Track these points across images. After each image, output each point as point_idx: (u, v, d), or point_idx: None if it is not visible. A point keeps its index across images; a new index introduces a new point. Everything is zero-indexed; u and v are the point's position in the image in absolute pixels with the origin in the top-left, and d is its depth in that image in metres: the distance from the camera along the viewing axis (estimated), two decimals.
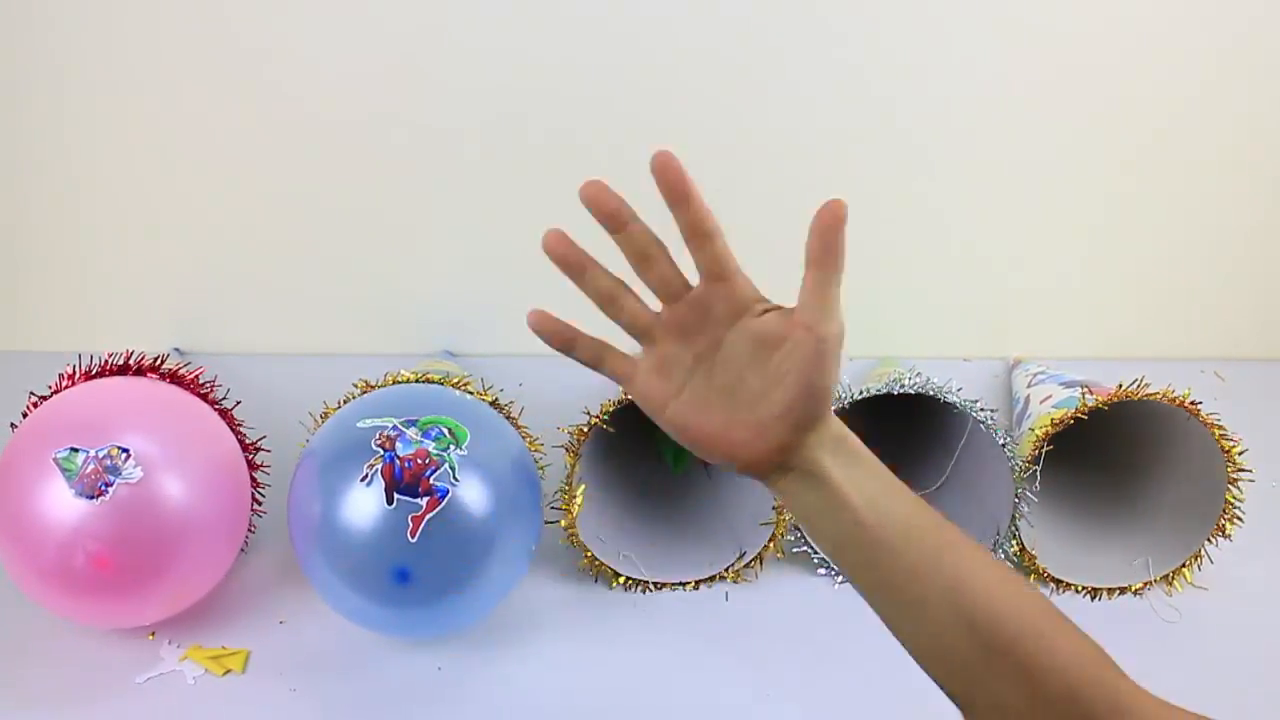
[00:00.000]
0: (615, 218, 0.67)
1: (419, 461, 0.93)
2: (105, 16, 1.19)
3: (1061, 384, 1.17)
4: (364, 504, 0.92)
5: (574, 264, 0.68)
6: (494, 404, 1.08)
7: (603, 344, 0.69)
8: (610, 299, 0.68)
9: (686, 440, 0.66)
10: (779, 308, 0.65)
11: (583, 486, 1.08)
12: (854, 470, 0.64)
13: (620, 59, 1.24)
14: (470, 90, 1.24)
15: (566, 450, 1.07)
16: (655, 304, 0.68)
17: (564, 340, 0.70)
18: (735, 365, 0.64)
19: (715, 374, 0.65)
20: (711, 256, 0.65)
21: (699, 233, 0.65)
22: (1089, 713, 0.60)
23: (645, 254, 0.67)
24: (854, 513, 0.63)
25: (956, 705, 0.65)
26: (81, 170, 1.29)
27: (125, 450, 0.93)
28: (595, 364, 0.69)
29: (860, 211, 1.33)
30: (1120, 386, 1.07)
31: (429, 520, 0.91)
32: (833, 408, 0.66)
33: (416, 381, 1.07)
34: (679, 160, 0.66)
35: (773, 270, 1.36)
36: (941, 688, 0.65)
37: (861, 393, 1.07)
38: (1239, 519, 1.08)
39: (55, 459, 0.92)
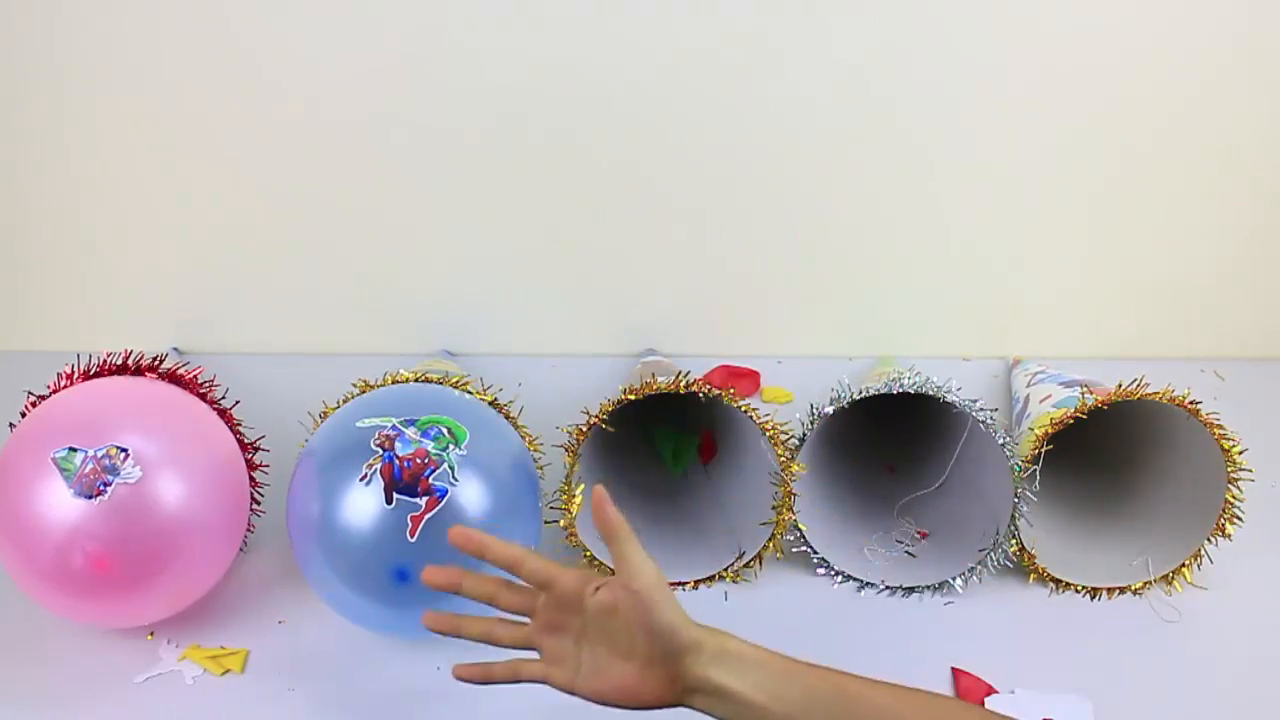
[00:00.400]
0: (451, 588, 0.80)
1: (418, 461, 0.93)
2: (105, 16, 1.20)
3: (1061, 383, 1.16)
4: (363, 504, 0.92)
5: (449, 630, 0.82)
6: (493, 404, 1.08)
7: (514, 664, 0.81)
8: (488, 634, 0.81)
9: (600, 702, 0.78)
10: (605, 581, 0.78)
11: (582, 486, 1.08)
12: (746, 674, 0.74)
13: (620, 59, 1.24)
14: (469, 90, 1.24)
15: (566, 450, 1.07)
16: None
17: (484, 675, 0.81)
18: (602, 634, 0.77)
19: (595, 646, 0.78)
20: (530, 575, 0.79)
21: (509, 566, 0.79)
22: None
23: (489, 595, 0.81)
24: (763, 710, 0.73)
25: None
26: (80, 170, 1.29)
27: (124, 450, 0.93)
28: (515, 679, 0.81)
29: (860, 211, 1.35)
30: (1120, 386, 1.07)
31: (428, 520, 0.91)
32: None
33: (415, 381, 1.07)
34: (468, 531, 0.80)
35: (773, 270, 1.37)
36: None
37: (861, 392, 1.07)
38: (1239, 519, 1.08)
39: (54, 459, 0.92)
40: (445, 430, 0.96)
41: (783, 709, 0.73)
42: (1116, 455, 1.18)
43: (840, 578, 1.12)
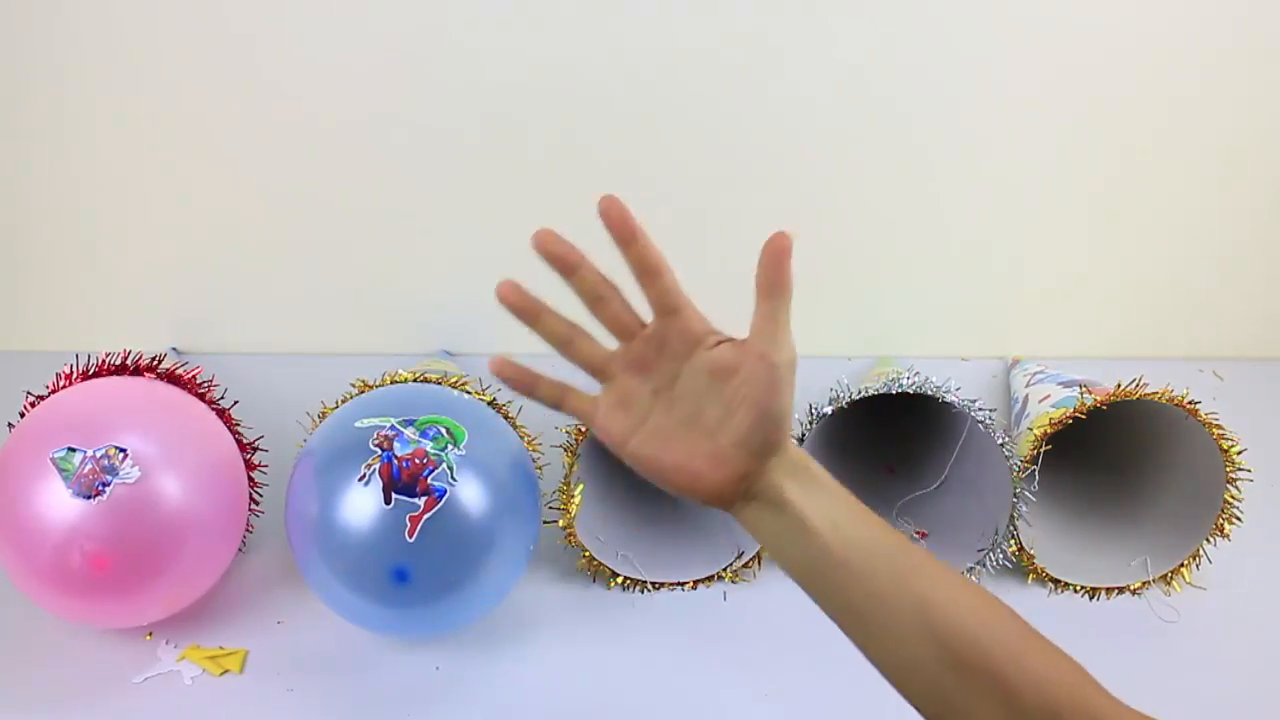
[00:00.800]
0: (565, 262, 0.70)
1: (417, 461, 0.93)
2: (104, 16, 1.19)
3: (1060, 383, 1.16)
4: (362, 504, 0.92)
5: (527, 310, 0.71)
6: (491, 404, 1.08)
7: (563, 385, 0.70)
8: (566, 341, 0.70)
9: (650, 473, 0.67)
10: (731, 339, 0.67)
11: (581, 486, 1.08)
12: (817, 496, 0.65)
13: (620, 59, 1.24)
14: (469, 90, 1.24)
15: (565, 450, 1.07)
16: (612, 343, 0.70)
17: (525, 385, 0.70)
18: (693, 397, 0.66)
19: (674, 407, 0.67)
20: (661, 292, 0.68)
21: (647, 270, 0.68)
22: None
23: (597, 294, 0.69)
24: (818, 538, 0.64)
25: None
26: (79, 170, 1.28)
27: (123, 450, 0.93)
28: (557, 404, 0.70)
29: (859, 211, 1.34)
30: (1119, 386, 1.07)
31: (427, 520, 0.91)
32: (797, 431, 0.66)
33: (414, 381, 1.07)
34: (623, 203, 0.68)
35: None
36: (916, 708, 0.66)
37: (860, 392, 1.07)
38: (1237, 519, 1.08)
39: (53, 459, 0.92)
40: (444, 430, 0.96)
41: (841, 545, 0.64)
42: (1115, 455, 1.18)
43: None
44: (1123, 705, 0.63)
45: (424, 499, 0.91)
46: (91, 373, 1.03)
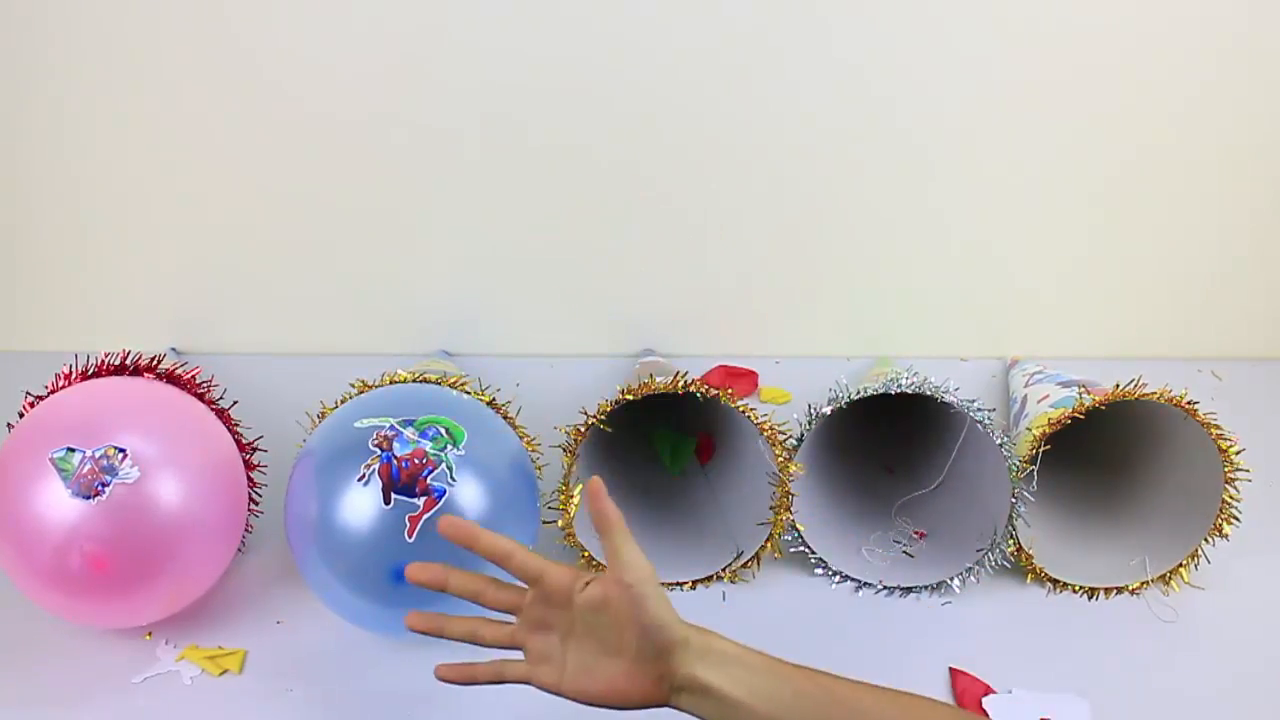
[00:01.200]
0: (436, 583, 0.79)
1: (416, 461, 0.93)
2: (103, 16, 1.19)
3: (1059, 384, 1.16)
4: (361, 504, 0.92)
5: (432, 630, 0.81)
6: (491, 404, 1.07)
7: (498, 665, 0.80)
8: (476, 640, 0.81)
9: (588, 702, 0.77)
10: (596, 577, 0.77)
11: (580, 486, 1.08)
12: (730, 671, 0.74)
13: (620, 59, 1.24)
14: (468, 90, 1.24)
15: (564, 450, 1.07)
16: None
17: (466, 676, 0.80)
18: (591, 632, 0.76)
19: (582, 645, 0.77)
20: (519, 569, 0.78)
21: (499, 558, 0.78)
22: None
23: (474, 592, 0.80)
24: (746, 708, 0.73)
25: None
26: (78, 170, 1.29)
27: (122, 450, 0.93)
28: (499, 680, 0.80)
29: (858, 211, 1.35)
30: (1117, 386, 1.07)
31: (426, 520, 0.91)
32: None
33: (414, 381, 1.07)
34: (455, 521, 0.79)
35: (771, 270, 1.37)
36: None
37: (858, 392, 1.07)
38: (1236, 519, 1.08)
39: (52, 459, 0.92)
40: (443, 430, 0.95)
41: (769, 709, 0.72)
42: (1114, 455, 1.18)
43: (838, 578, 1.12)
44: None
45: (423, 499, 0.91)
46: (91, 373, 1.03)
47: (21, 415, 1.01)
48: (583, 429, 1.06)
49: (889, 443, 1.24)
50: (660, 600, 0.75)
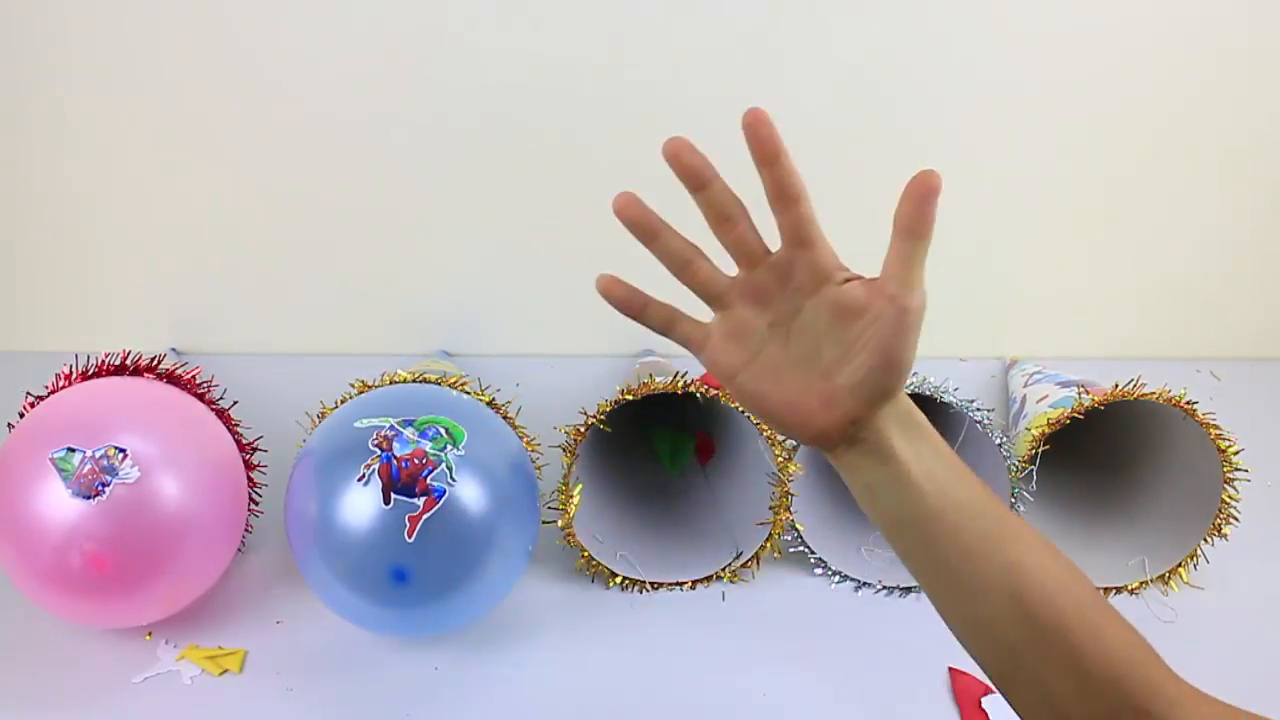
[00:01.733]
0: (698, 175, 0.65)
1: (416, 461, 0.93)
2: (104, 17, 1.19)
3: (1058, 384, 1.16)
4: (361, 504, 0.92)
5: (646, 228, 0.67)
6: (490, 404, 1.08)
7: (673, 309, 0.67)
8: (684, 263, 0.66)
9: (755, 409, 0.65)
10: (860, 277, 0.63)
11: (580, 486, 1.08)
12: (920, 447, 0.63)
13: (620, 59, 1.24)
14: (467, 90, 1.24)
15: (563, 450, 1.07)
16: (731, 269, 0.66)
17: (634, 306, 0.68)
18: (812, 334, 0.63)
19: (791, 342, 0.64)
20: (796, 220, 0.65)
21: (785, 195, 0.64)
22: (1132, 699, 0.60)
23: (726, 214, 0.66)
24: (918, 490, 0.62)
25: (994, 683, 0.65)
26: (79, 170, 1.28)
27: (122, 450, 0.93)
28: (665, 329, 0.67)
29: (858, 212, 1.33)
30: (1116, 386, 1.07)
31: (426, 520, 0.91)
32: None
33: (413, 381, 1.07)
34: (770, 119, 0.63)
35: None
36: (982, 666, 0.65)
37: None
38: (1235, 519, 1.08)
39: (52, 459, 0.92)
40: (443, 430, 0.96)
41: (940, 500, 0.62)
42: (1113, 455, 1.18)
43: (837, 577, 1.12)
44: (1183, 682, 0.63)
45: (423, 499, 0.91)
46: (91, 373, 1.03)
47: (22, 415, 1.01)
48: (582, 429, 1.06)
49: None
50: (916, 341, 0.62)
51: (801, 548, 1.12)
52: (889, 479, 0.63)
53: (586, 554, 1.09)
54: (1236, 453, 1.06)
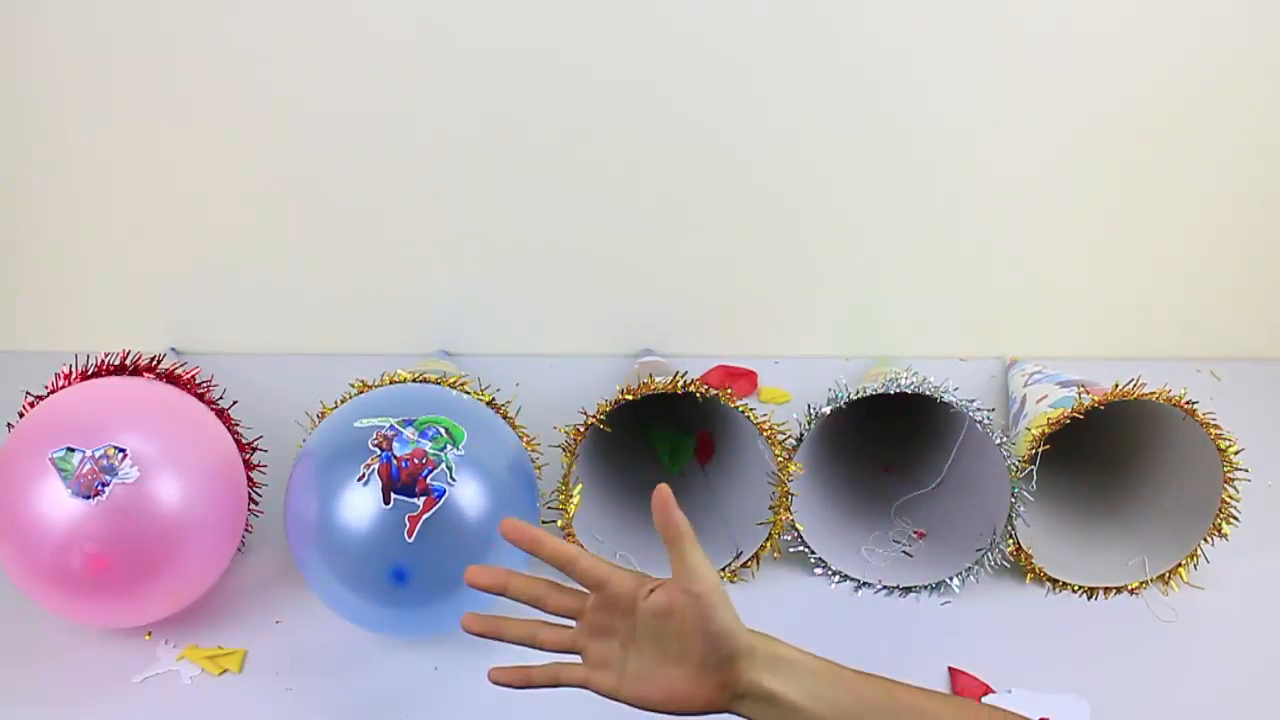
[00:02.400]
0: (496, 587, 0.78)
1: (416, 461, 0.93)
2: (103, 16, 1.19)
3: (1058, 384, 1.16)
4: (361, 504, 0.91)
5: (490, 632, 0.79)
6: (490, 404, 1.07)
7: (556, 668, 0.78)
8: (534, 643, 0.79)
9: (648, 708, 0.76)
10: (661, 583, 0.75)
11: (580, 486, 1.08)
12: (795, 678, 0.73)
13: (620, 60, 1.24)
14: (467, 90, 1.24)
15: (563, 450, 1.07)
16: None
17: (521, 679, 0.79)
18: (652, 638, 0.75)
19: (643, 651, 0.75)
20: (583, 575, 0.76)
21: (564, 563, 0.76)
22: None
23: (535, 597, 0.78)
24: (809, 713, 0.72)
25: None
26: (78, 170, 1.28)
27: (122, 450, 0.93)
28: (555, 684, 0.79)
29: (858, 212, 1.35)
30: (1116, 386, 1.06)
31: (426, 520, 0.91)
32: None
33: (414, 381, 1.07)
34: (516, 523, 0.77)
35: (771, 270, 1.37)
36: None
37: (858, 392, 1.07)
38: (1235, 518, 1.08)
39: (51, 459, 0.92)
40: (443, 430, 0.95)
41: (835, 716, 0.72)
42: (1113, 455, 1.18)
43: (838, 578, 1.12)
44: None
45: (423, 499, 0.91)
46: (90, 373, 1.03)
47: (21, 415, 1.01)
48: (582, 429, 1.06)
49: (888, 442, 1.24)
50: (727, 608, 0.74)
51: (801, 548, 1.12)
52: (783, 716, 0.73)
53: None
54: (1236, 453, 1.06)
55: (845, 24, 1.22)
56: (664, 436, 1.24)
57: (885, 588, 1.11)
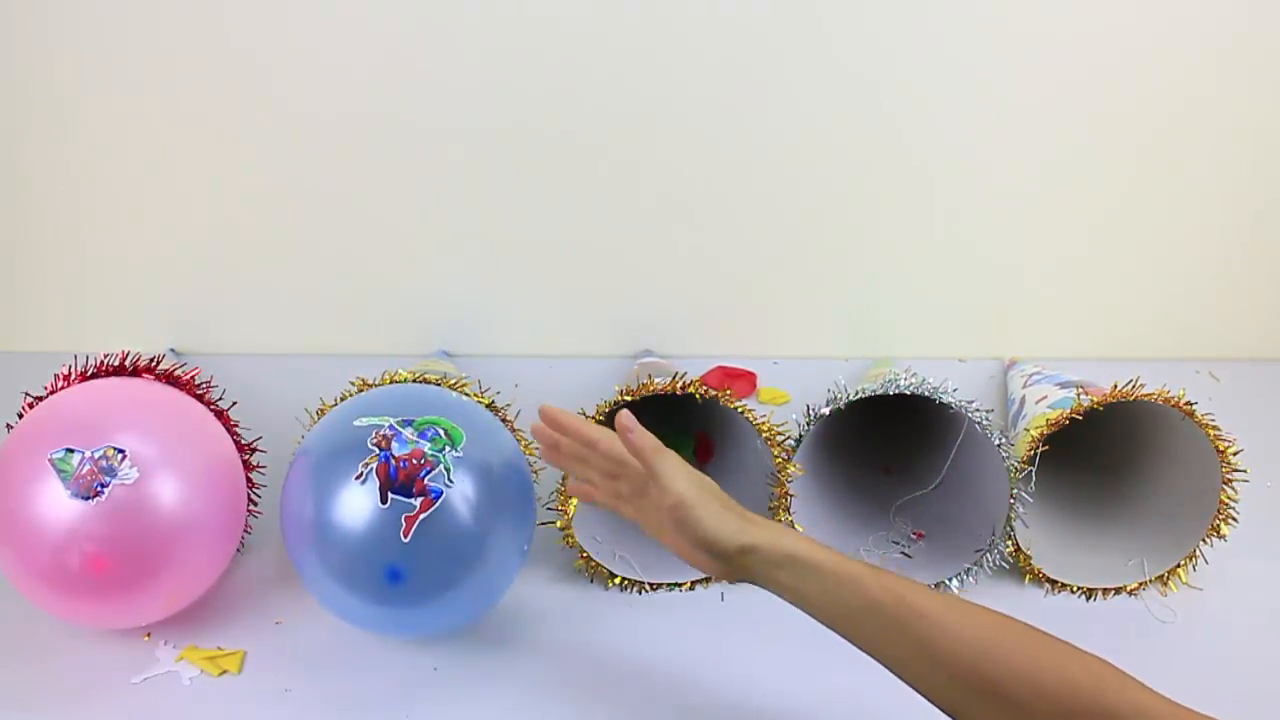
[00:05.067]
0: (549, 441, 0.91)
1: (414, 462, 0.93)
2: (103, 16, 1.19)
3: (1057, 384, 1.16)
4: (357, 503, 0.91)
5: (556, 426, 0.91)
6: (490, 406, 1.07)
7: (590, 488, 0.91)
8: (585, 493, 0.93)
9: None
10: (647, 488, 0.85)
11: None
12: (805, 577, 0.76)
13: (619, 61, 1.24)
14: (468, 90, 1.24)
15: None
16: None
17: (557, 453, 0.92)
18: (655, 524, 0.84)
19: (659, 526, 0.83)
20: (603, 455, 0.88)
21: (585, 444, 0.89)
22: None
23: (582, 458, 0.89)
24: (819, 609, 0.76)
25: None
26: (77, 170, 1.29)
27: (121, 451, 0.93)
28: (587, 498, 0.92)
29: (857, 213, 1.35)
30: (1115, 387, 1.06)
31: (422, 521, 0.91)
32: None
33: (414, 381, 1.07)
34: (553, 415, 0.89)
35: (770, 271, 1.37)
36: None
37: (857, 393, 1.07)
38: (1233, 519, 1.07)
39: (51, 460, 0.92)
40: (442, 431, 0.95)
41: (843, 614, 0.75)
42: (1112, 456, 1.18)
43: None
44: (1149, 692, 0.69)
45: (420, 499, 0.91)
46: (90, 373, 1.03)
47: (21, 416, 1.01)
48: None
49: (887, 444, 1.23)
50: (709, 515, 0.79)
51: None
52: (793, 598, 0.78)
53: (585, 554, 1.09)
54: (1235, 453, 1.06)
55: (847, 24, 1.22)
56: (663, 437, 1.23)
57: None
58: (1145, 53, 1.25)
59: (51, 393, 1.02)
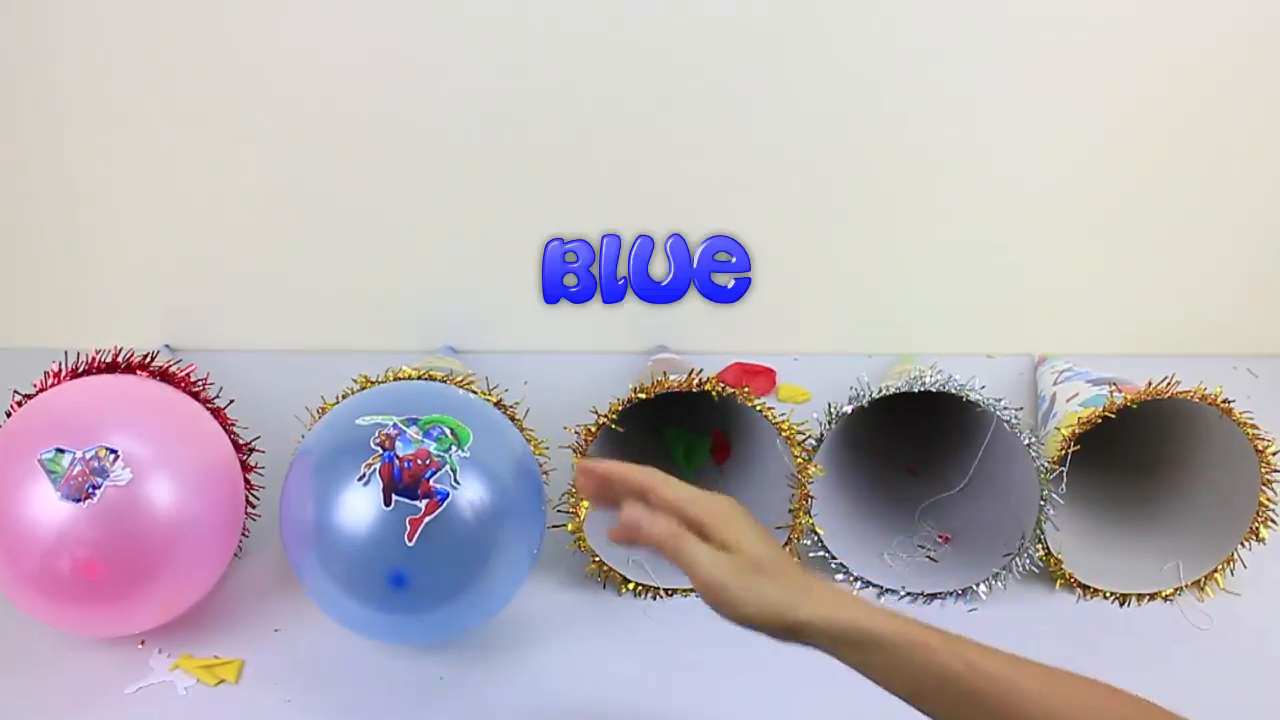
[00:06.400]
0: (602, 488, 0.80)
1: (419, 462, 0.91)
2: (101, 15, 1.20)
3: (1089, 381, 1.15)
4: (360, 505, 0.90)
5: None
6: (498, 404, 1.06)
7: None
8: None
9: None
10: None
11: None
12: (870, 652, 0.71)
13: (622, 59, 1.24)
14: (470, 88, 1.25)
15: (574, 451, 1.05)
16: None
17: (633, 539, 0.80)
18: None
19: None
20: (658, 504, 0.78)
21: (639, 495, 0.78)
22: None
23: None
24: (884, 684, 0.71)
25: None
26: (71, 165, 1.29)
27: (113, 451, 0.92)
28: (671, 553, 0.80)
29: (879, 204, 1.34)
30: (1149, 384, 1.06)
31: (428, 524, 0.89)
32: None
33: (419, 379, 1.06)
34: (592, 468, 0.80)
35: (789, 264, 1.35)
36: None
37: (880, 391, 1.06)
38: (1273, 521, 1.06)
39: (40, 460, 0.91)
40: (448, 431, 0.94)
41: (916, 688, 0.71)
42: (1146, 456, 1.17)
43: (859, 584, 1.11)
44: None
45: (425, 501, 0.89)
46: (81, 371, 1.02)
47: (9, 414, 1.00)
48: (593, 428, 1.05)
49: (912, 443, 1.23)
50: (745, 595, 0.73)
51: (822, 552, 1.10)
52: (859, 671, 0.73)
53: (597, 559, 1.08)
54: (1274, 453, 1.05)
55: (864, 23, 1.22)
56: (679, 436, 1.23)
57: (909, 594, 1.10)
58: (1169, 47, 1.24)
59: (41, 390, 1.01)
